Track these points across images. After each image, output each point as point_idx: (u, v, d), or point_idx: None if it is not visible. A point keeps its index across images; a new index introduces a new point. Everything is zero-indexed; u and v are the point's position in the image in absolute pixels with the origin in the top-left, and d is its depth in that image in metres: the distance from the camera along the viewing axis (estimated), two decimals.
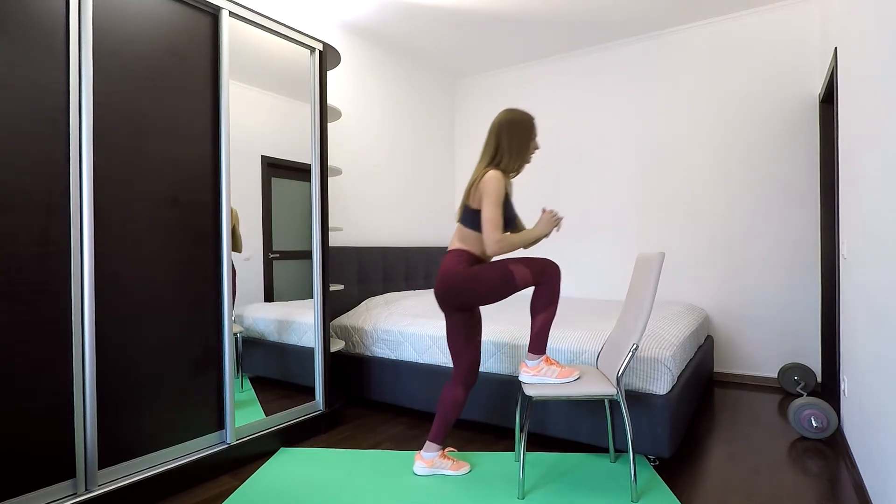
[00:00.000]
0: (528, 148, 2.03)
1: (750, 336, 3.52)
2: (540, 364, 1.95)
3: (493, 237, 1.88)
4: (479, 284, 1.95)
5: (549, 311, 1.95)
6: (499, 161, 1.99)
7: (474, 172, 2.01)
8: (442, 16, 3.53)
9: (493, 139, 2.01)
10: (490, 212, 1.89)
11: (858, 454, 2.01)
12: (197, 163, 2.08)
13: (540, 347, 1.97)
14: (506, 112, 2.03)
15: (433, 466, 2.10)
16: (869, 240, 1.79)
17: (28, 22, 1.60)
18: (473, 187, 1.97)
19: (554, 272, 1.94)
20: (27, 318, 1.60)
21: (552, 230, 2.00)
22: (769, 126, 3.45)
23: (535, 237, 1.98)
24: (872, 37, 1.72)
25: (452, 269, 1.98)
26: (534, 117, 2.05)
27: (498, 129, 2.01)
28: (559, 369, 1.94)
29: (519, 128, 2.00)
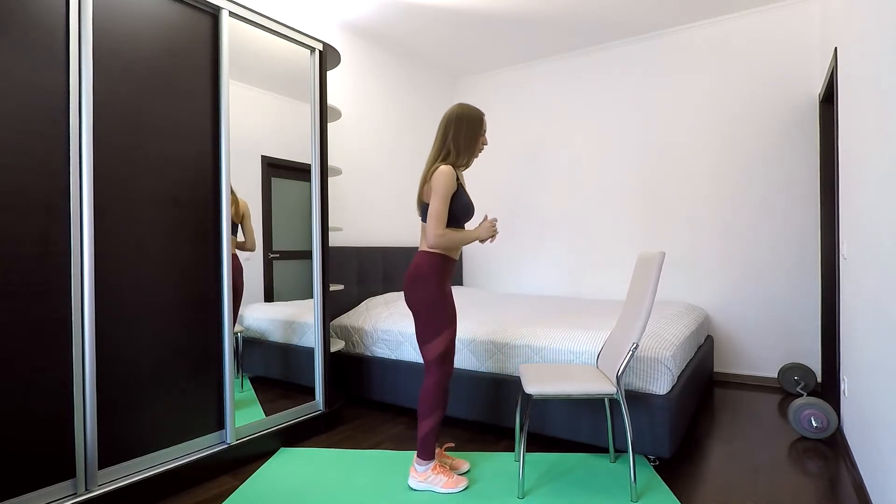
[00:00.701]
0: (476, 143, 2.03)
1: (750, 336, 3.52)
2: (427, 472, 1.97)
3: (435, 231, 1.89)
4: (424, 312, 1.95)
5: (436, 415, 1.96)
6: (446, 155, 1.98)
7: (426, 167, 2.01)
8: (442, 16, 3.53)
9: (442, 133, 2.00)
10: (436, 205, 1.90)
11: (858, 454, 2.01)
12: (197, 163, 2.08)
13: (428, 453, 1.97)
14: (457, 106, 2.02)
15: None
16: (869, 240, 1.79)
17: (28, 22, 1.60)
18: (426, 182, 1.97)
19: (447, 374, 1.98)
20: (27, 318, 1.60)
21: (488, 238, 2.01)
22: (769, 126, 3.45)
23: (472, 238, 1.99)
24: (872, 37, 1.72)
25: (418, 277, 1.96)
26: (483, 113, 2.04)
27: (447, 123, 2.00)
28: (446, 478, 1.96)
29: (468, 123, 2.00)
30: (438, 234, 1.90)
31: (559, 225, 4.26)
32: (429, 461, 1.97)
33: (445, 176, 1.90)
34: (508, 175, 4.54)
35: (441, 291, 1.96)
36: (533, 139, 4.42)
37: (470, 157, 2.03)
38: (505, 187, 4.55)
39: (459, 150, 1.99)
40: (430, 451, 1.97)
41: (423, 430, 1.96)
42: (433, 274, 1.95)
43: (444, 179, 1.90)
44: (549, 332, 2.48)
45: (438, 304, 1.95)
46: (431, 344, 1.95)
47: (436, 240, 1.90)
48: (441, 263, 1.97)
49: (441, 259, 1.97)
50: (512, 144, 4.53)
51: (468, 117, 2.00)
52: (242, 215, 2.31)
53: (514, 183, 4.50)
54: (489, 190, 4.62)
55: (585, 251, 4.15)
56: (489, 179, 4.63)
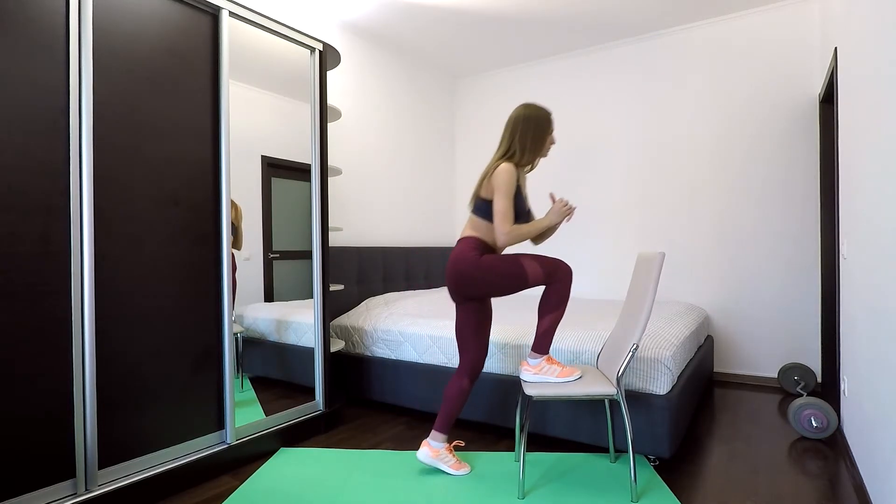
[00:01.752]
0: (543, 143, 2.06)
1: (750, 336, 3.52)
2: (541, 363, 1.96)
3: (503, 229, 1.92)
4: (490, 275, 1.97)
5: (558, 312, 1.96)
6: (511, 155, 2.02)
7: (489, 164, 2.05)
8: (442, 16, 3.53)
9: (509, 133, 2.04)
10: (501, 204, 1.93)
11: (858, 454, 2.01)
12: (197, 163, 2.08)
13: (543, 347, 1.98)
14: (523, 107, 2.05)
15: (437, 457, 2.10)
16: (869, 240, 1.79)
17: (28, 21, 1.60)
18: (486, 179, 2.00)
19: (566, 273, 1.96)
20: (27, 318, 1.60)
21: (562, 220, 2.03)
22: (769, 126, 3.45)
23: (544, 226, 2.02)
24: (872, 37, 1.72)
25: (463, 256, 2.01)
26: (551, 112, 2.08)
27: (514, 123, 2.04)
28: (560, 368, 1.95)
29: (535, 124, 2.03)
30: (506, 230, 1.92)
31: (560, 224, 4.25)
32: (542, 355, 1.98)
33: (507, 173, 1.94)
34: None
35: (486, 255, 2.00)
36: None
37: (535, 156, 2.06)
38: None
39: (525, 150, 2.02)
40: (546, 346, 1.98)
41: (544, 326, 1.96)
42: (477, 250, 2.00)
43: (506, 177, 1.93)
44: None
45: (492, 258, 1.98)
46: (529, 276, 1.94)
47: (505, 238, 1.93)
48: (483, 245, 2.03)
49: (483, 243, 2.03)
50: None
51: (535, 118, 2.03)
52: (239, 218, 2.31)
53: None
54: None
55: (585, 251, 4.15)
56: None
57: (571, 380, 1.92)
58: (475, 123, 4.78)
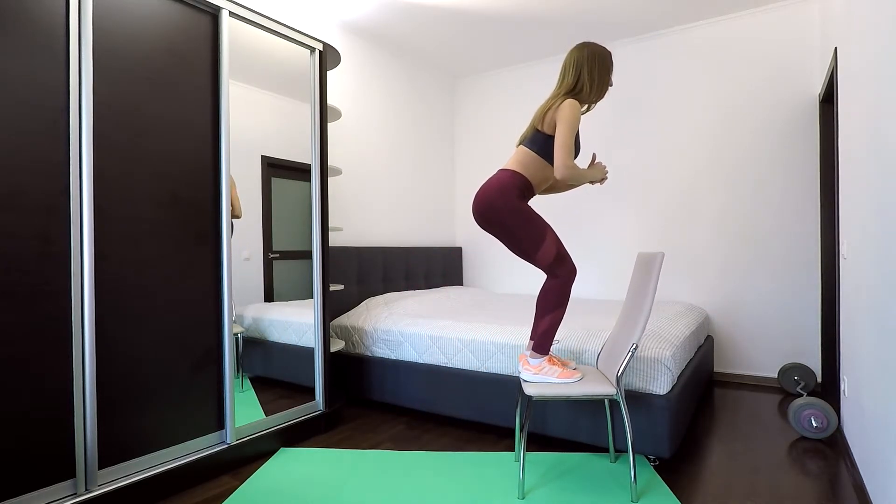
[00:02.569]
0: (607, 82, 2.05)
1: (750, 336, 3.52)
2: (542, 363, 1.96)
3: (565, 161, 1.90)
4: (517, 223, 1.94)
5: (558, 312, 1.96)
6: (579, 90, 2.00)
7: (549, 99, 2.01)
8: (442, 16, 3.53)
9: (574, 70, 2.02)
10: (565, 136, 1.90)
11: (858, 454, 2.01)
12: (197, 162, 2.08)
13: (544, 348, 1.97)
14: (586, 45, 2.03)
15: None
16: (869, 240, 1.79)
17: (28, 21, 1.60)
18: (549, 111, 1.96)
19: (570, 271, 1.96)
20: (27, 318, 1.60)
21: (599, 179, 2.07)
22: (769, 126, 3.45)
23: (589, 177, 2.03)
24: (872, 37, 1.72)
25: (500, 187, 1.96)
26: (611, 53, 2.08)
27: (579, 60, 2.01)
28: (561, 369, 1.94)
29: (601, 61, 2.02)
30: (569, 164, 1.90)
31: (558, 224, 4.26)
32: (543, 355, 1.97)
33: (576, 108, 1.92)
34: None
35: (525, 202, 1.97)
36: None
37: (600, 95, 2.05)
38: None
39: (593, 86, 2.01)
40: (547, 347, 1.97)
41: (543, 326, 1.95)
42: (516, 188, 1.97)
43: (573, 111, 1.91)
44: None
45: (527, 209, 1.96)
46: (542, 249, 1.93)
47: (566, 170, 1.90)
48: (524, 184, 2.00)
49: (524, 183, 2.00)
50: (511, 144, 4.53)
51: (601, 55, 2.02)
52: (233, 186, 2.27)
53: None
54: None
55: (585, 251, 4.15)
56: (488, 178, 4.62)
57: (572, 381, 1.92)
58: (475, 123, 4.78)
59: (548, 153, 2.00)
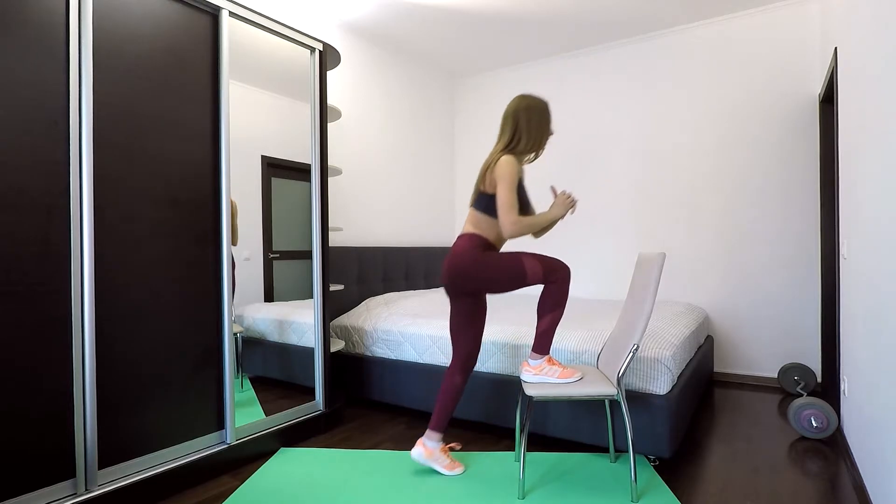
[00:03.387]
0: (545, 133, 2.06)
1: (750, 336, 3.52)
2: (542, 364, 1.96)
3: (509, 219, 1.91)
4: (490, 271, 1.97)
5: (556, 312, 1.96)
6: (515, 145, 2.01)
7: (489, 157, 2.03)
8: (442, 16, 3.53)
9: (511, 124, 2.03)
10: (505, 195, 1.91)
11: (858, 454, 2.01)
12: (197, 162, 2.08)
13: (544, 348, 1.98)
14: (522, 97, 2.04)
15: (431, 458, 2.09)
16: (869, 240, 1.79)
17: (28, 22, 1.60)
18: (488, 171, 1.99)
19: (564, 273, 1.96)
20: (27, 318, 1.60)
21: (567, 212, 2.04)
22: (769, 126, 3.45)
23: (549, 219, 2.01)
24: (872, 37, 1.72)
25: (463, 252, 2.00)
26: (548, 103, 2.08)
27: (515, 113, 2.03)
28: (561, 369, 1.95)
29: (536, 113, 2.03)
30: (513, 220, 1.91)
31: (559, 225, 4.26)
32: (543, 356, 1.98)
33: (510, 164, 1.93)
34: None
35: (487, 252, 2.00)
36: None
37: (539, 146, 2.06)
38: None
39: (531, 140, 2.02)
40: (546, 346, 1.98)
41: (543, 326, 1.96)
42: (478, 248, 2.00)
43: (509, 168, 1.92)
44: None
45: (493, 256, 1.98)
46: (528, 275, 1.94)
47: (512, 228, 1.91)
48: (484, 242, 2.02)
49: (484, 241, 2.02)
50: None
51: (536, 107, 2.03)
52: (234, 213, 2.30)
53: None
54: None
55: (585, 251, 4.15)
56: None
57: (572, 381, 1.92)
58: (475, 123, 4.78)
59: (494, 212, 2.00)
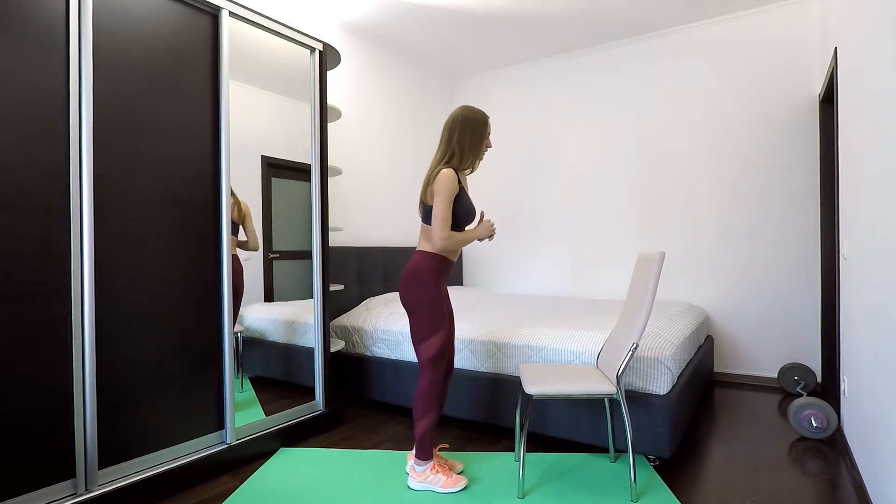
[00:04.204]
0: (480, 146, 2.05)
1: (750, 336, 3.52)
2: (426, 471, 1.97)
3: (441, 234, 1.91)
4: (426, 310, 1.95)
5: (431, 415, 1.97)
6: (449, 158, 2.00)
7: (429, 169, 2.01)
8: (442, 16, 3.53)
9: (447, 136, 2.02)
10: (440, 209, 1.91)
11: (858, 454, 2.01)
12: (197, 163, 2.08)
13: (425, 453, 1.98)
14: (461, 109, 2.04)
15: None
16: (869, 240, 1.79)
17: (28, 22, 1.60)
18: (429, 185, 1.98)
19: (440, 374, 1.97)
20: (27, 318, 1.60)
21: (486, 237, 2.06)
22: (769, 126, 3.45)
23: (472, 238, 2.03)
24: (872, 37, 1.72)
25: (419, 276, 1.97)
26: (488, 116, 2.08)
27: (451, 126, 2.01)
28: (445, 478, 1.96)
29: (471, 126, 2.01)
30: (444, 236, 1.91)
31: (559, 224, 4.26)
32: (427, 461, 1.98)
33: (447, 179, 1.92)
34: (508, 175, 4.54)
35: (437, 291, 1.97)
36: (533, 139, 4.42)
37: (475, 159, 2.05)
38: (505, 187, 4.55)
39: (464, 153, 2.00)
40: (428, 450, 1.98)
41: (420, 429, 1.97)
42: (431, 274, 1.97)
43: (445, 182, 1.92)
44: (549, 332, 2.48)
45: (434, 303, 1.96)
46: (427, 343, 1.96)
47: (442, 243, 1.92)
48: (439, 264, 1.99)
49: (439, 260, 1.99)
50: (512, 144, 4.53)
51: (472, 120, 2.02)
52: (244, 216, 2.31)
53: (514, 183, 4.51)
54: (489, 190, 4.62)
55: (585, 251, 4.15)
56: (489, 179, 4.63)
57: (456, 490, 1.94)
58: None
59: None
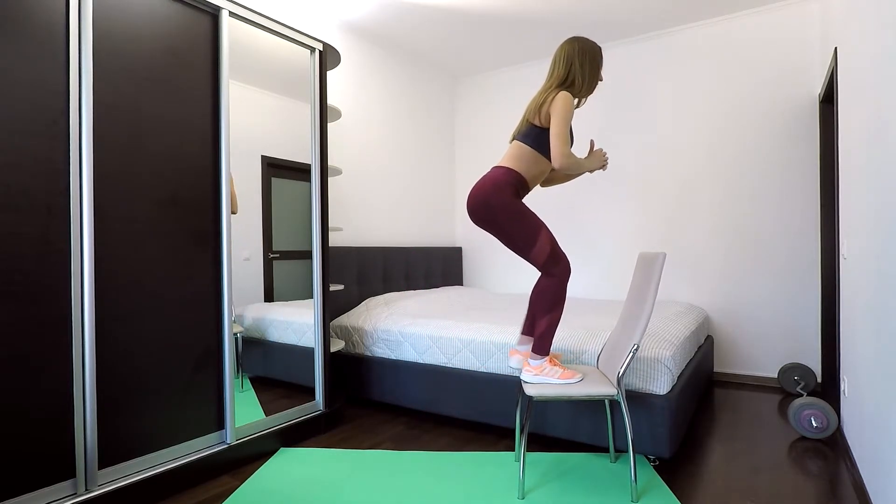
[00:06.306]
0: (597, 76, 2.07)
1: (750, 336, 3.52)
2: (543, 364, 1.96)
3: (562, 150, 1.91)
4: (511, 221, 1.96)
5: (554, 313, 1.96)
6: (570, 83, 2.02)
7: (539, 93, 2.02)
8: (442, 16, 3.53)
9: (565, 64, 2.03)
10: (560, 127, 1.92)
11: (858, 454, 2.01)
12: (197, 162, 2.08)
13: (544, 349, 1.97)
14: (576, 40, 2.05)
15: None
16: (869, 240, 1.79)
17: (28, 22, 1.60)
18: (542, 105, 1.98)
19: (564, 271, 1.96)
20: (27, 318, 1.60)
21: (599, 167, 2.10)
22: (769, 126, 3.45)
23: (587, 167, 2.06)
24: (872, 37, 1.72)
25: (494, 184, 1.97)
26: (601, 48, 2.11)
27: (570, 54, 2.03)
28: (562, 370, 1.95)
29: (591, 55, 2.04)
30: (566, 153, 1.92)
31: (559, 224, 4.26)
32: (543, 356, 1.97)
33: (569, 100, 1.94)
34: None
35: (518, 200, 1.99)
36: None
37: (591, 88, 2.07)
38: None
39: (584, 80, 2.03)
40: (546, 347, 1.97)
41: (542, 326, 1.96)
42: (511, 186, 1.98)
43: (567, 103, 1.93)
44: None
45: (521, 207, 1.97)
46: (536, 247, 1.94)
47: (564, 159, 1.92)
48: (517, 182, 2.01)
49: (518, 179, 2.01)
50: None
51: (591, 50, 2.05)
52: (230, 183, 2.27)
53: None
54: None
55: (585, 251, 4.15)
56: None
57: (573, 381, 1.92)
58: (475, 123, 4.78)
59: (542, 146, 2.01)
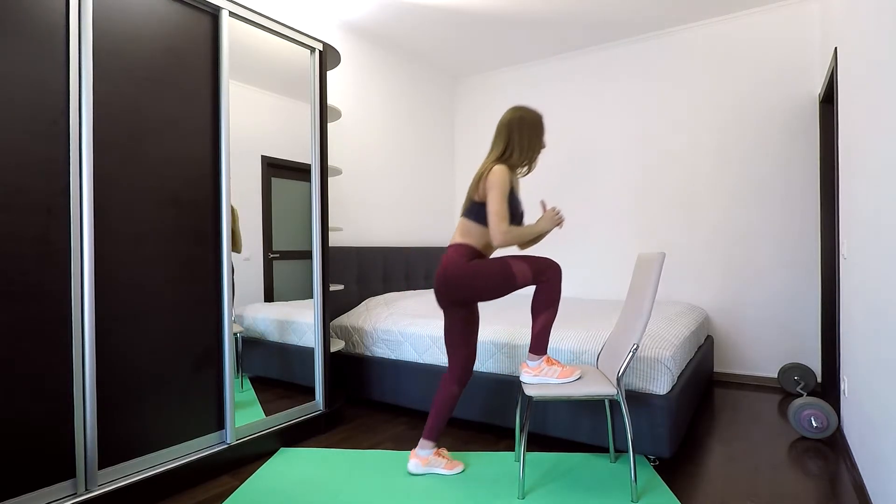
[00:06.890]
0: (538, 146, 2.07)
1: (750, 336, 3.52)
2: (541, 364, 1.96)
3: (499, 228, 1.93)
4: (479, 280, 1.97)
5: (550, 312, 1.97)
6: (508, 157, 2.02)
7: (481, 166, 2.04)
8: (442, 16, 3.53)
9: (504, 135, 2.04)
10: (496, 204, 1.93)
11: (858, 454, 2.01)
12: (197, 163, 2.08)
13: (541, 348, 1.97)
14: (517, 109, 2.06)
15: (427, 465, 2.10)
16: (869, 240, 1.79)
17: (28, 22, 1.60)
18: (480, 181, 2.00)
19: (555, 272, 1.96)
20: (27, 318, 1.60)
21: (553, 227, 2.06)
22: (769, 126, 3.45)
23: (537, 232, 2.03)
24: (872, 37, 1.72)
25: (453, 263, 2.01)
26: (543, 116, 2.10)
27: (509, 125, 2.04)
28: (560, 369, 1.95)
29: (529, 125, 2.04)
30: (504, 230, 1.93)
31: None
32: (541, 356, 1.98)
33: (503, 173, 1.95)
34: None
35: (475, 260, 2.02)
36: None
37: (530, 159, 2.07)
38: None
39: (523, 151, 2.03)
40: (543, 346, 1.98)
41: (538, 326, 1.97)
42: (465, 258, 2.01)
43: (501, 176, 1.94)
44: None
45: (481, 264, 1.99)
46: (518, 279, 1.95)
47: (503, 237, 1.93)
48: (473, 252, 2.04)
49: (473, 250, 2.04)
50: None
51: (529, 120, 2.05)
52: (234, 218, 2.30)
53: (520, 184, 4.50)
54: None
55: (585, 251, 4.15)
56: None
57: (572, 380, 1.92)
58: (475, 123, 4.78)
59: (486, 221, 2.01)
